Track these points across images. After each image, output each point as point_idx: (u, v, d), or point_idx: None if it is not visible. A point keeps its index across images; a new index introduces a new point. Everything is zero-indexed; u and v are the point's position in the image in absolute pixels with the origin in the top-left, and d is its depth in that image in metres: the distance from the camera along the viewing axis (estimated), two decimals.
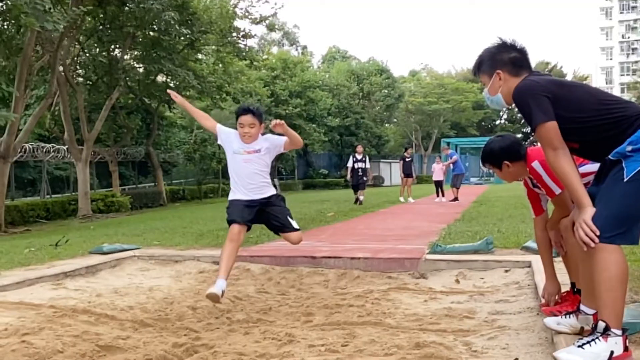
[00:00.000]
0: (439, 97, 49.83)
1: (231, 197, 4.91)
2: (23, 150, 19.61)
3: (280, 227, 4.91)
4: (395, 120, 54.98)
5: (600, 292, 2.82)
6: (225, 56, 24.15)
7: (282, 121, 4.70)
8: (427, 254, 6.65)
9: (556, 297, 3.95)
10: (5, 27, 15.61)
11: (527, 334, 3.74)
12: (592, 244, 2.79)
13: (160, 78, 23.65)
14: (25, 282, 5.70)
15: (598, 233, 2.78)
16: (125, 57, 21.78)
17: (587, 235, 2.80)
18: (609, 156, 2.93)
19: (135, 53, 22.91)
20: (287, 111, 36.14)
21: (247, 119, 4.79)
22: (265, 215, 4.87)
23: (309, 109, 38.52)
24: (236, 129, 4.89)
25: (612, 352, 2.76)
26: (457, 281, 5.73)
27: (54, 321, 4.27)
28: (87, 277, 6.29)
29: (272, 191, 4.91)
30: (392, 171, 44.98)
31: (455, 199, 18.25)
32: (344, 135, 44.55)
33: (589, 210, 2.84)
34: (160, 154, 28.16)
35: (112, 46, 21.55)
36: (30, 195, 23.46)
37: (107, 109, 20.42)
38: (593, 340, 2.81)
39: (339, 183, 39.93)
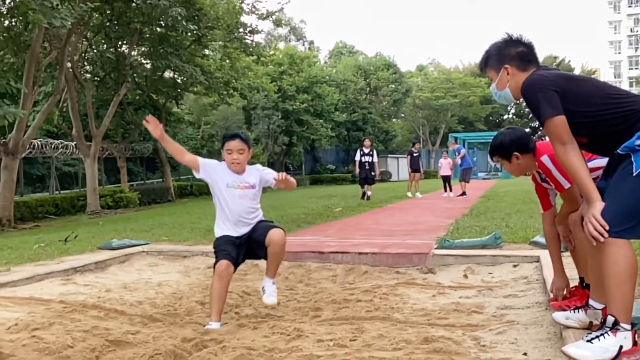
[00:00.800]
0: (446, 92, 49.64)
1: (218, 232, 4.50)
2: (32, 146, 19.70)
3: (264, 230, 4.37)
4: (402, 115, 54.64)
5: (610, 286, 2.81)
6: (232, 52, 24.12)
7: (285, 176, 4.49)
8: (435, 249, 6.63)
9: (564, 292, 3.94)
10: (13, 23, 15.66)
11: (535, 328, 3.73)
12: (601, 239, 2.78)
13: (168, 74, 23.70)
14: (35, 277, 5.74)
15: (607, 227, 2.77)
16: (133, 53, 21.81)
17: (596, 229, 2.79)
18: (618, 150, 2.92)
19: (143, 49, 22.95)
20: (294, 107, 36.09)
21: (235, 144, 4.42)
22: (251, 235, 4.44)
23: (316, 104, 38.37)
24: (220, 159, 4.60)
25: (621, 347, 2.75)
26: (466, 276, 5.72)
27: (63, 316, 4.30)
28: (96, 272, 6.32)
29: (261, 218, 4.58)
30: (399, 166, 44.95)
31: (463, 193, 18.16)
32: (352, 130, 44.37)
33: (598, 205, 2.83)
34: None
35: (120, 42, 21.59)
36: (39, 192, 23.55)
37: (115, 105, 20.46)
38: (602, 334, 2.80)
39: (346, 178, 39.82)
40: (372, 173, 17.87)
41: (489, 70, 3.35)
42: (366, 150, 17.85)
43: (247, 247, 4.43)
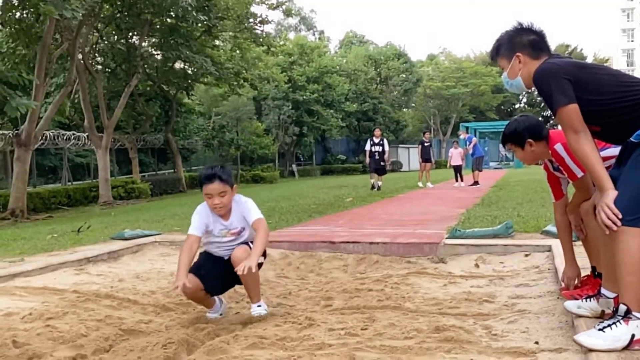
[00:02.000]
0: (457, 81, 49.14)
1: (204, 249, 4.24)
2: (44, 137, 19.80)
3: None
4: (413, 105, 54.20)
5: (622, 275, 2.79)
6: (243, 42, 24.15)
7: (250, 265, 3.70)
8: (446, 238, 6.59)
9: (576, 281, 3.92)
10: (25, 15, 15.71)
11: (547, 317, 3.72)
12: (614, 227, 2.77)
13: (178, 65, 23.74)
14: (49, 267, 5.78)
15: (620, 216, 2.75)
16: (143, 44, 21.86)
17: (609, 218, 2.77)
18: (631, 138, 2.90)
19: (153, 40, 23.00)
20: (304, 97, 36.07)
21: (214, 187, 3.90)
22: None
23: (326, 95, 38.38)
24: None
25: (633, 335, 2.74)
26: (477, 265, 5.70)
27: (77, 306, 4.33)
28: (109, 262, 6.36)
29: None
30: (410, 156, 44.81)
31: (476, 182, 18.00)
32: (362, 120, 44.25)
33: (611, 194, 2.81)
34: (179, 141, 28.31)
35: (130, 33, 21.64)
36: (52, 183, 23.70)
37: (126, 97, 20.56)
38: (614, 323, 2.79)
39: (357, 168, 39.78)
40: (382, 163, 17.68)
41: (501, 59, 3.32)
42: (376, 140, 17.72)
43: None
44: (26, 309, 4.22)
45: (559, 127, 3.26)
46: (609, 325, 2.80)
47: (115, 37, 21.85)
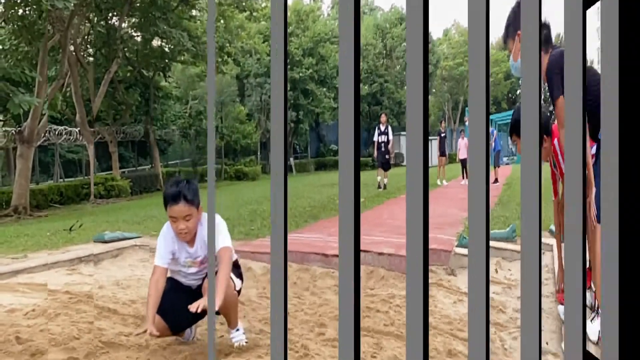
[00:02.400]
0: (464, 57, 40.20)
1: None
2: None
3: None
4: (434, 90, 45.90)
5: None
6: (226, 9, 22.59)
7: (205, 305, 3.27)
8: (456, 246, 5.82)
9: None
10: (27, 12, 15.67)
11: (551, 320, 3.55)
12: None
13: (156, 42, 22.63)
14: (49, 264, 5.88)
15: None
16: (123, 25, 21.19)
17: None
18: None
19: (133, 20, 22.02)
20: (300, 74, 32.33)
21: (179, 209, 3.49)
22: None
23: (319, 69, 33.76)
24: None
25: None
26: (495, 270, 5.16)
27: (69, 307, 4.47)
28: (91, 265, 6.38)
29: None
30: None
31: (495, 180, 16.10)
32: (371, 105, 37.91)
33: None
34: (156, 131, 26.13)
35: (110, 14, 20.73)
36: (44, 180, 22.75)
37: (106, 84, 20.04)
38: None
39: (367, 162, 32.39)
40: (387, 156, 15.36)
41: (510, 40, 2.97)
42: (382, 128, 15.28)
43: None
44: (29, 306, 4.42)
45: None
46: None
47: (95, 19, 20.83)
